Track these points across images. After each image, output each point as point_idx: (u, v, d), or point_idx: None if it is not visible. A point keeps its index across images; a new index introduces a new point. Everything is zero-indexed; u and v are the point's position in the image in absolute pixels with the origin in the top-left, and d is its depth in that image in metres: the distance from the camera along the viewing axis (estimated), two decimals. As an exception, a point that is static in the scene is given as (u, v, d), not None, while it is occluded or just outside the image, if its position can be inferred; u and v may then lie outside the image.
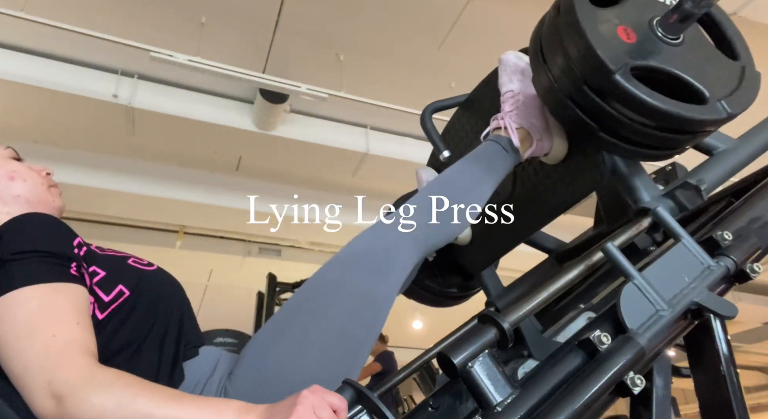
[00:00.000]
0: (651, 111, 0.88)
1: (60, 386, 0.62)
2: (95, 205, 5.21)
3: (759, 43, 4.29)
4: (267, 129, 4.49)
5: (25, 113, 4.25)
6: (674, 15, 0.94)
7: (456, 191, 1.01)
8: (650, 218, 0.97)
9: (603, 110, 0.92)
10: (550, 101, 1.02)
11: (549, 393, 0.79)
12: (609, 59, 0.87)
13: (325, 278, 0.87)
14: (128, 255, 0.91)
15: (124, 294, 0.80)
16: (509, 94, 1.14)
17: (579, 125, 0.98)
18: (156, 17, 3.82)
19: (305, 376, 0.76)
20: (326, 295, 0.84)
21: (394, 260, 0.89)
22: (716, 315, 0.91)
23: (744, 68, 1.00)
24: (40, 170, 0.96)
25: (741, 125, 1.17)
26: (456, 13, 3.80)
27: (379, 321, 0.86)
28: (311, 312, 0.81)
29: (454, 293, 1.53)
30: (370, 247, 0.90)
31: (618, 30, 0.93)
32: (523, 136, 1.09)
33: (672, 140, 0.95)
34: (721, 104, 0.92)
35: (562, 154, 1.13)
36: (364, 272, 0.86)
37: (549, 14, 1.00)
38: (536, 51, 1.02)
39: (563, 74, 0.95)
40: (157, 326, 0.81)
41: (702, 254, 0.95)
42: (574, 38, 0.91)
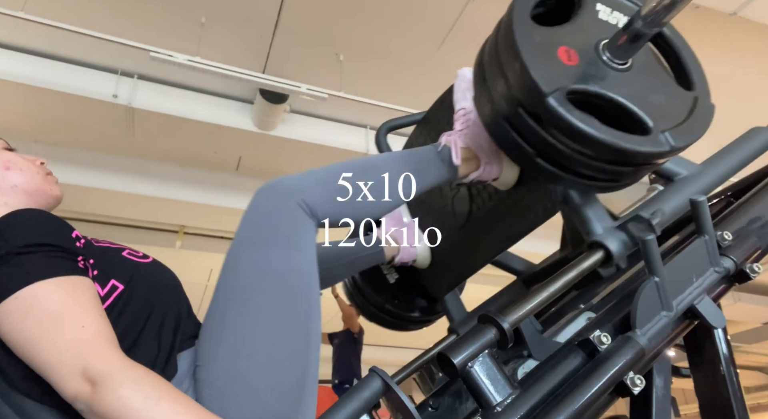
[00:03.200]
0: (585, 139, 0.81)
1: (94, 373, 0.64)
2: (95, 205, 5.22)
3: (759, 43, 4.29)
4: (267, 129, 4.49)
5: (25, 113, 4.25)
6: (624, 36, 0.87)
7: (372, 175, 0.96)
8: (602, 253, 0.91)
9: (539, 136, 0.86)
10: (488, 123, 0.96)
11: (549, 393, 0.79)
12: (543, 81, 0.81)
13: (239, 264, 0.82)
14: (123, 247, 0.90)
15: (117, 289, 0.80)
16: (461, 112, 1.10)
17: (516, 151, 0.92)
18: (156, 17, 3.82)
19: (262, 369, 0.75)
20: (248, 285, 0.80)
21: (299, 229, 0.85)
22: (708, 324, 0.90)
23: (696, 99, 0.92)
24: (33, 160, 0.95)
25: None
26: (456, 13, 3.80)
27: (313, 295, 0.83)
28: (240, 305, 0.78)
29: (416, 318, 1.47)
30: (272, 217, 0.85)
31: (559, 51, 0.87)
32: (468, 156, 1.04)
33: (614, 172, 0.88)
34: (664, 136, 0.85)
35: (512, 180, 1.09)
36: (276, 248, 0.82)
37: (492, 32, 0.95)
38: (479, 70, 0.97)
39: (500, 96, 0.89)
40: (153, 318, 0.81)
41: (715, 254, 0.94)
42: (511, 58, 0.85)
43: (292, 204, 0.86)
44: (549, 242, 1.50)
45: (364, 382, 0.77)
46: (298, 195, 0.86)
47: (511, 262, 1.42)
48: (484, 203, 1.18)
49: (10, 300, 0.68)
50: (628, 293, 0.98)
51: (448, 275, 1.31)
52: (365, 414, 0.75)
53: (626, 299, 0.95)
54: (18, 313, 0.68)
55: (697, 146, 0.91)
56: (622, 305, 0.95)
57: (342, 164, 0.97)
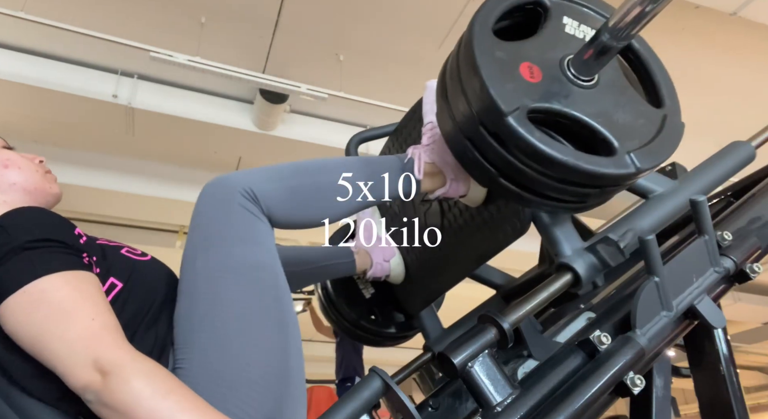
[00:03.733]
0: (546, 160, 0.78)
1: (105, 363, 0.64)
2: (95, 205, 5.22)
3: (759, 43, 4.29)
4: (267, 129, 4.49)
5: (25, 113, 4.25)
6: (590, 50, 0.82)
7: (326, 177, 0.94)
8: (570, 275, 0.89)
9: (500, 156, 0.82)
10: (450, 140, 0.93)
11: (549, 393, 0.79)
12: (502, 100, 0.77)
13: (197, 265, 0.81)
14: (122, 245, 0.91)
15: (116, 287, 0.80)
16: (429, 126, 1.07)
17: (479, 170, 0.88)
18: (156, 17, 3.82)
19: (240, 365, 0.74)
20: (210, 282, 0.79)
21: (254, 225, 0.84)
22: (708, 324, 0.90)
23: (665, 117, 0.88)
24: (32, 158, 0.96)
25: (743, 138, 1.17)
26: (456, 13, 3.80)
27: (280, 286, 0.82)
28: (206, 305, 0.78)
29: (392, 334, 1.43)
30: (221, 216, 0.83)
31: (521, 67, 0.83)
32: (433, 171, 1.02)
33: (579, 194, 0.85)
34: (630, 157, 0.81)
35: (479, 198, 1.06)
36: (235, 243, 0.81)
37: (455, 47, 0.90)
38: (441, 86, 0.93)
39: (461, 114, 0.86)
40: (150, 315, 0.81)
41: (715, 254, 0.94)
42: (470, 74, 0.81)
43: (241, 200, 0.84)
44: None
45: (364, 382, 0.77)
46: (246, 189, 0.84)
47: (490, 276, 1.38)
48: (455, 219, 1.15)
49: (18, 294, 0.68)
50: (628, 294, 0.98)
51: (422, 291, 1.28)
52: (365, 414, 0.75)
53: (626, 299, 0.96)
54: (27, 306, 0.68)
55: (697, 146, 0.91)
56: (622, 305, 0.95)
57: (294, 163, 0.94)
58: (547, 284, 0.87)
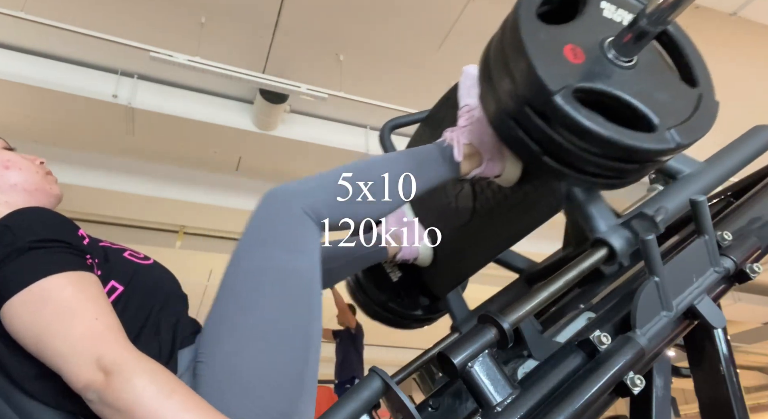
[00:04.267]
0: (592, 137, 0.82)
1: (108, 362, 0.64)
2: (95, 205, 5.22)
3: (759, 43, 4.29)
4: (267, 129, 4.49)
5: (25, 113, 4.26)
6: (629, 34, 0.87)
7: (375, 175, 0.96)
8: (605, 250, 0.92)
9: (545, 134, 0.86)
10: (494, 121, 0.97)
11: (549, 393, 0.79)
12: (550, 80, 0.82)
13: (241, 264, 0.83)
14: (124, 248, 0.91)
15: (117, 290, 0.80)
16: (465, 109, 1.11)
17: (522, 148, 0.92)
18: (156, 17, 3.82)
19: (260, 368, 0.75)
20: (249, 284, 0.81)
21: (302, 233, 0.86)
22: (708, 324, 0.90)
23: (701, 96, 0.93)
24: (33, 159, 0.96)
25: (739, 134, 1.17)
26: (456, 14, 3.80)
27: (314, 296, 0.83)
28: (241, 307, 0.79)
29: (419, 316, 1.46)
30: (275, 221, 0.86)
31: (565, 49, 0.87)
32: (471, 152, 1.05)
33: (620, 169, 0.89)
34: (670, 133, 0.85)
35: (515, 177, 1.09)
36: (278, 250, 0.83)
37: (497, 31, 0.95)
38: (484, 68, 0.97)
39: (506, 94, 0.90)
40: (152, 320, 0.81)
41: (715, 254, 0.94)
42: (517, 56, 0.86)
43: (297, 209, 0.86)
44: (551, 242, 1.50)
45: (364, 382, 0.77)
46: (302, 199, 0.87)
47: (514, 260, 1.42)
48: (487, 200, 1.18)
49: (22, 293, 0.68)
50: (628, 293, 0.98)
51: (450, 274, 1.31)
52: (365, 414, 0.75)
53: (626, 299, 0.95)
54: (31, 305, 0.68)
55: (697, 146, 0.91)
56: (622, 305, 0.95)
57: (343, 166, 0.97)
58: (580, 260, 0.90)
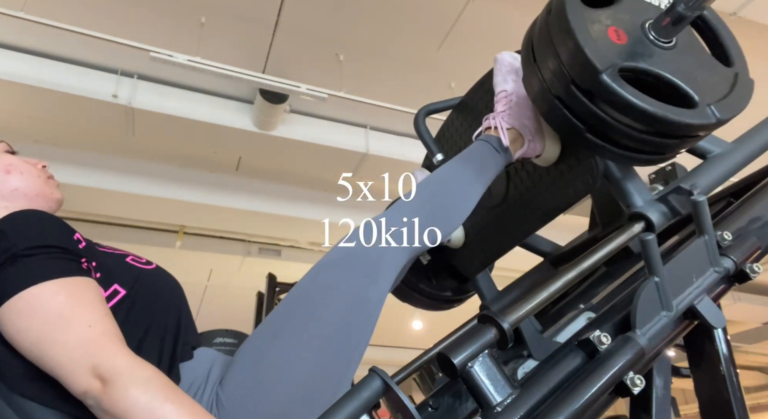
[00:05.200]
0: (637, 113, 0.87)
1: (104, 370, 0.65)
2: (95, 205, 5.21)
3: (759, 43, 4.28)
4: (267, 129, 4.49)
5: (25, 113, 4.25)
6: (667, 18, 0.93)
7: (446, 191, 1.01)
8: (643, 223, 0.96)
9: (590, 111, 0.91)
10: (538, 101, 1.01)
11: (549, 393, 0.79)
12: (597, 59, 0.87)
13: (316, 281, 0.85)
14: (126, 253, 0.90)
15: (119, 294, 0.80)
16: (503, 95, 1.14)
17: (567, 126, 0.97)
18: (156, 17, 3.82)
19: (297, 382, 0.76)
20: (318, 298, 0.82)
21: (383, 261, 0.88)
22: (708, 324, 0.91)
23: (737, 75, 0.98)
24: (35, 163, 0.96)
25: (740, 131, 1.17)
26: (456, 13, 3.80)
27: (371, 324, 0.85)
28: (304, 316, 0.80)
29: (448, 297, 1.52)
30: (358, 248, 0.88)
31: (609, 31, 0.93)
32: (514, 136, 1.08)
33: (660, 145, 0.93)
34: (710, 109, 0.90)
35: (554, 156, 1.13)
36: (354, 274, 0.85)
37: (541, 14, 1.00)
38: (527, 51, 1.02)
39: (552, 74, 0.95)
40: (155, 325, 0.81)
41: (715, 254, 0.95)
42: (564, 38, 0.91)
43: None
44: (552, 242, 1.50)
45: (364, 382, 0.76)
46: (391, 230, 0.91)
47: (539, 244, 1.46)
48: (522, 181, 1.23)
49: (14, 300, 0.68)
50: (628, 293, 0.98)
51: (481, 255, 1.34)
52: (365, 414, 0.75)
53: (626, 299, 0.96)
54: (24, 313, 0.68)
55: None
56: (622, 305, 0.95)
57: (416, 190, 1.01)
58: (618, 234, 0.93)
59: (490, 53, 1.24)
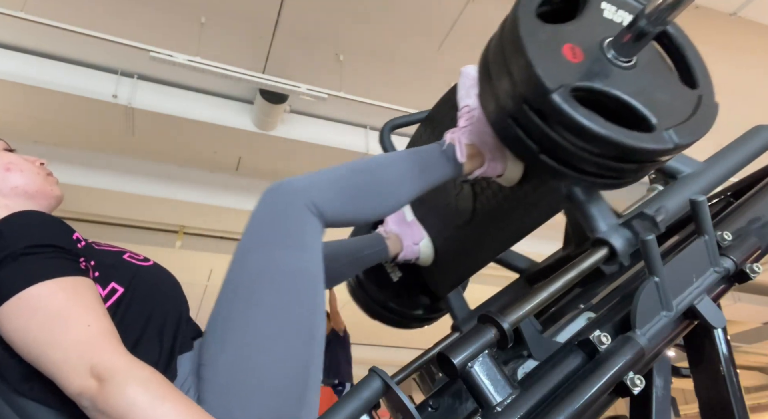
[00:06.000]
0: (589, 136, 0.82)
1: (101, 370, 0.64)
2: (95, 205, 5.21)
3: (759, 43, 4.29)
4: (267, 129, 4.49)
5: (25, 113, 4.25)
6: (628, 34, 0.88)
7: (380, 175, 0.97)
8: (606, 249, 0.92)
9: (543, 132, 0.86)
10: (492, 119, 0.97)
11: (549, 394, 0.79)
12: (547, 78, 0.82)
13: (245, 264, 0.83)
14: (124, 250, 0.90)
15: (117, 292, 0.80)
16: (465, 110, 1.11)
17: (521, 147, 0.92)
18: (156, 17, 3.82)
19: (266, 368, 0.75)
20: (253, 282, 0.80)
21: (306, 230, 0.85)
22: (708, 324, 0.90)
23: (701, 97, 0.93)
24: (33, 161, 0.96)
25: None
26: (456, 14, 3.80)
27: (318, 295, 0.83)
28: (245, 305, 0.79)
29: (420, 315, 1.47)
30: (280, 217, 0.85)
31: (564, 49, 0.87)
32: (472, 153, 1.05)
33: (618, 169, 0.88)
34: (668, 134, 0.85)
35: (516, 176, 1.09)
36: (283, 248, 0.83)
37: (497, 30, 0.95)
38: (483, 67, 0.98)
39: (505, 93, 0.90)
40: (153, 322, 0.81)
41: (715, 254, 0.94)
42: (516, 55, 0.86)
43: (299, 205, 0.86)
44: (551, 242, 1.50)
45: (364, 382, 0.77)
46: (305, 195, 0.87)
47: (514, 260, 1.42)
48: (488, 200, 1.19)
49: (13, 300, 0.68)
50: (628, 293, 0.98)
51: (451, 273, 1.31)
52: (365, 414, 0.75)
53: (626, 299, 0.95)
54: (22, 313, 0.68)
55: (696, 146, 0.91)
56: (622, 305, 0.95)
57: (347, 164, 0.97)
58: (581, 260, 0.90)
59: (490, 53, 1.24)
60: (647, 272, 0.88)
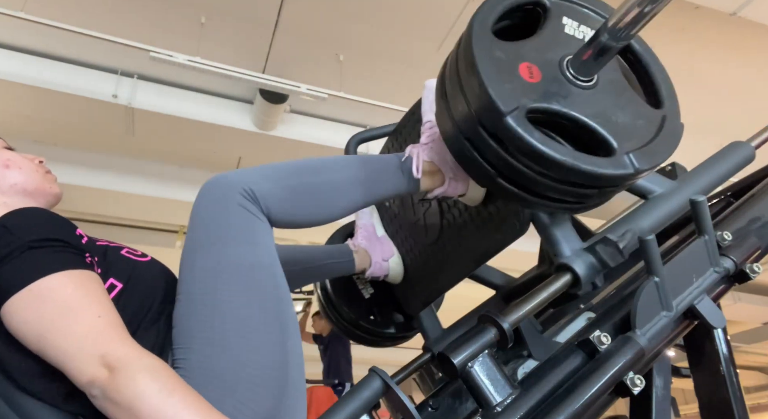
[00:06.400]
0: (544, 161, 0.78)
1: (112, 359, 0.65)
2: (95, 205, 5.22)
3: (759, 43, 4.29)
4: (267, 129, 4.49)
5: (25, 113, 4.26)
6: (588, 50, 0.82)
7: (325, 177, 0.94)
8: (569, 275, 0.89)
9: (499, 156, 0.82)
10: (449, 141, 0.92)
11: (549, 393, 0.79)
12: (501, 100, 0.77)
13: (195, 266, 0.81)
14: (121, 246, 0.91)
15: (116, 287, 0.80)
16: (428, 125, 1.07)
17: (478, 170, 0.88)
18: (156, 17, 3.82)
19: (239, 368, 0.75)
20: (207, 283, 0.79)
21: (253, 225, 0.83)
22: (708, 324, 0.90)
23: (664, 118, 0.88)
24: (32, 159, 0.96)
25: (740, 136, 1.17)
26: (456, 13, 3.80)
27: (280, 287, 0.82)
28: (204, 306, 0.78)
29: (392, 334, 1.42)
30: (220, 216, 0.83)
31: (520, 68, 0.83)
32: (431, 169, 1.02)
33: (577, 194, 0.84)
34: (629, 158, 0.81)
35: (478, 197, 1.06)
36: (232, 244, 0.81)
37: (455, 46, 0.91)
38: (440, 85, 0.93)
39: (460, 113, 0.86)
40: (150, 315, 0.81)
41: (715, 254, 0.94)
42: (469, 74, 0.81)
43: (239, 198, 0.83)
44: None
45: (364, 382, 0.77)
46: (246, 187, 0.84)
47: (490, 276, 1.37)
48: (454, 219, 1.15)
49: (23, 292, 0.69)
50: (628, 294, 0.98)
51: (422, 292, 1.27)
52: (365, 414, 0.75)
53: (626, 299, 0.96)
54: (33, 304, 0.69)
55: (696, 146, 0.91)
56: (622, 305, 0.95)
57: (297, 161, 0.94)
58: (546, 285, 0.87)
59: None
60: (647, 272, 0.88)
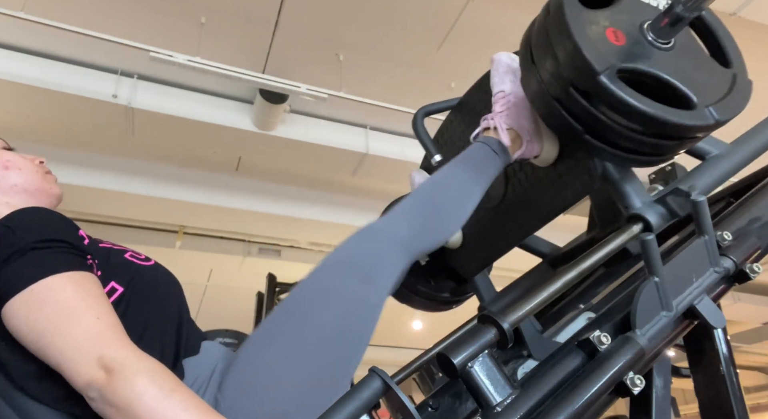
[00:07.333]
0: (636, 115, 0.86)
1: (109, 361, 0.65)
2: (95, 205, 5.21)
3: (759, 43, 4.28)
4: (267, 129, 4.49)
5: (25, 113, 4.25)
6: (665, 19, 0.93)
7: (444, 194, 1.00)
8: (641, 224, 0.95)
9: (588, 113, 0.91)
10: (537, 102, 1.01)
11: (549, 394, 0.79)
12: (595, 60, 0.86)
13: (315, 284, 0.85)
14: (125, 249, 0.91)
15: (116, 291, 0.80)
16: (500, 95, 1.13)
17: (565, 128, 0.96)
18: (156, 17, 3.82)
19: (295, 385, 0.75)
20: (316, 302, 0.82)
21: (383, 266, 0.88)
22: (708, 324, 0.91)
23: (735, 76, 0.98)
24: (32, 159, 0.96)
25: (738, 131, 1.17)
26: (456, 14, 3.80)
27: (369, 328, 0.85)
28: (302, 320, 0.80)
29: (447, 298, 1.51)
30: (357, 252, 0.89)
31: (607, 32, 0.92)
32: (512, 137, 1.08)
33: (659, 146, 0.93)
34: (709, 111, 0.89)
35: (552, 157, 1.12)
36: (353, 279, 0.85)
37: (539, 15, 1.00)
38: (526, 52, 1.01)
39: (550, 75, 0.94)
40: (153, 322, 0.81)
41: (715, 254, 0.95)
42: (562, 39, 0.90)
43: (387, 242, 0.90)
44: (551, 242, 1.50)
45: (364, 382, 0.77)
46: (391, 234, 0.91)
47: (537, 244, 1.46)
48: (520, 182, 1.22)
49: (24, 293, 0.69)
50: (628, 294, 0.98)
51: (479, 256, 1.33)
52: (365, 414, 0.75)
53: (626, 299, 0.96)
54: (33, 305, 0.69)
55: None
56: (622, 305, 0.95)
57: (413, 194, 1.02)
58: (616, 235, 0.92)
59: (489, 53, 1.24)
60: (647, 272, 0.88)
